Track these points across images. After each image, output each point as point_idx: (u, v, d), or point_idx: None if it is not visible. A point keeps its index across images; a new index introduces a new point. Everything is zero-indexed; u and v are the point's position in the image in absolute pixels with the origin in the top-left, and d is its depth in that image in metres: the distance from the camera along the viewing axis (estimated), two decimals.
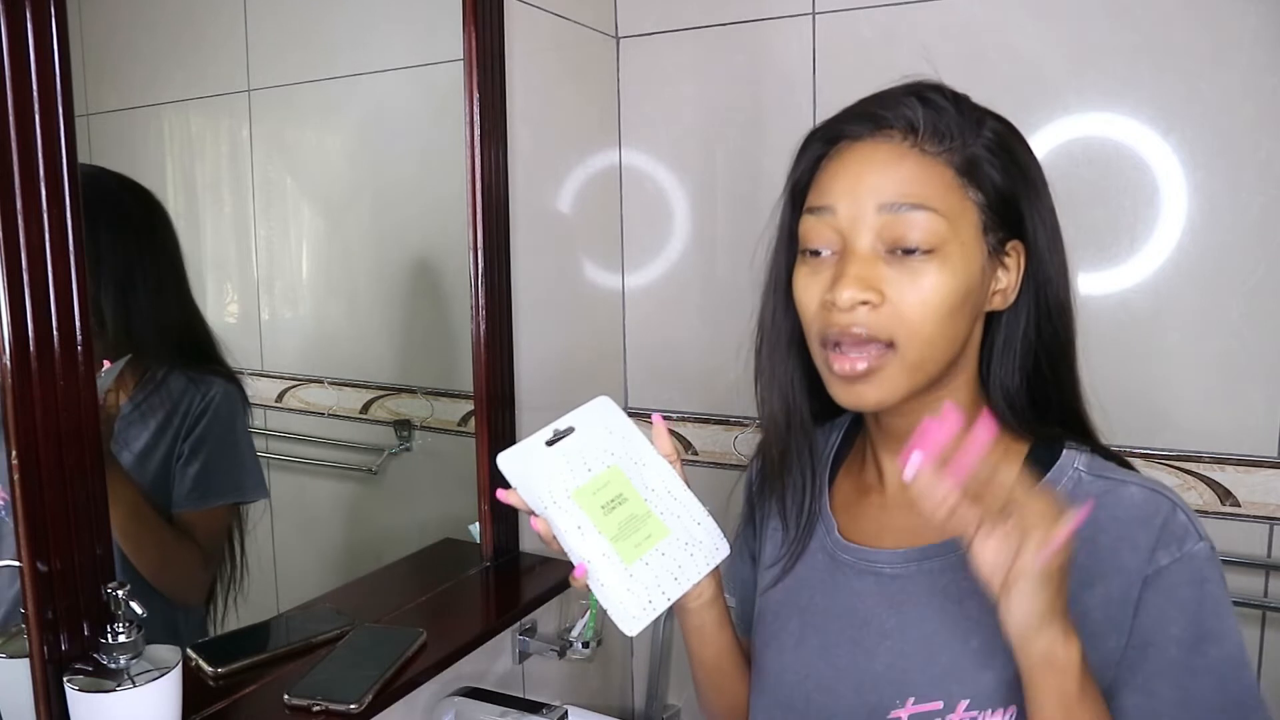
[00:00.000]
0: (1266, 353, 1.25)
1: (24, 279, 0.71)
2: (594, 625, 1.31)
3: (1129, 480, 0.70)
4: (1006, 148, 0.69)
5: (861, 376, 0.67)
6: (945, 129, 0.67)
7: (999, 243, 0.69)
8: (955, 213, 0.66)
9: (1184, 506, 0.67)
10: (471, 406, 1.29)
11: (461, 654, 1.08)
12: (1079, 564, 0.66)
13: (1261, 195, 1.23)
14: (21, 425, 0.72)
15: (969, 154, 0.68)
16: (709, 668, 0.84)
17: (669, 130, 1.61)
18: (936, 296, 0.65)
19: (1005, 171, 0.69)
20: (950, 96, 0.70)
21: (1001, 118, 0.72)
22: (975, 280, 0.68)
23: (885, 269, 0.66)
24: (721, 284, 1.61)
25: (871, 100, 0.71)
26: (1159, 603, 0.65)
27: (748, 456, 1.60)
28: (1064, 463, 0.71)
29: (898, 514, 0.76)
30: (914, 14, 1.39)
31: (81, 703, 0.74)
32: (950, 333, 0.67)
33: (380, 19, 1.29)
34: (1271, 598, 1.29)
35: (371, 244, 1.34)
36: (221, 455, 1.03)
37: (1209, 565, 0.66)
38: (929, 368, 0.68)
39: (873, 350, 0.66)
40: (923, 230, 0.65)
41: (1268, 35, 1.21)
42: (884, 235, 0.66)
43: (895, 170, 0.67)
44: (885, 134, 0.68)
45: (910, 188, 0.66)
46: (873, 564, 0.75)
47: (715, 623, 0.81)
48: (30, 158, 0.71)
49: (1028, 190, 0.70)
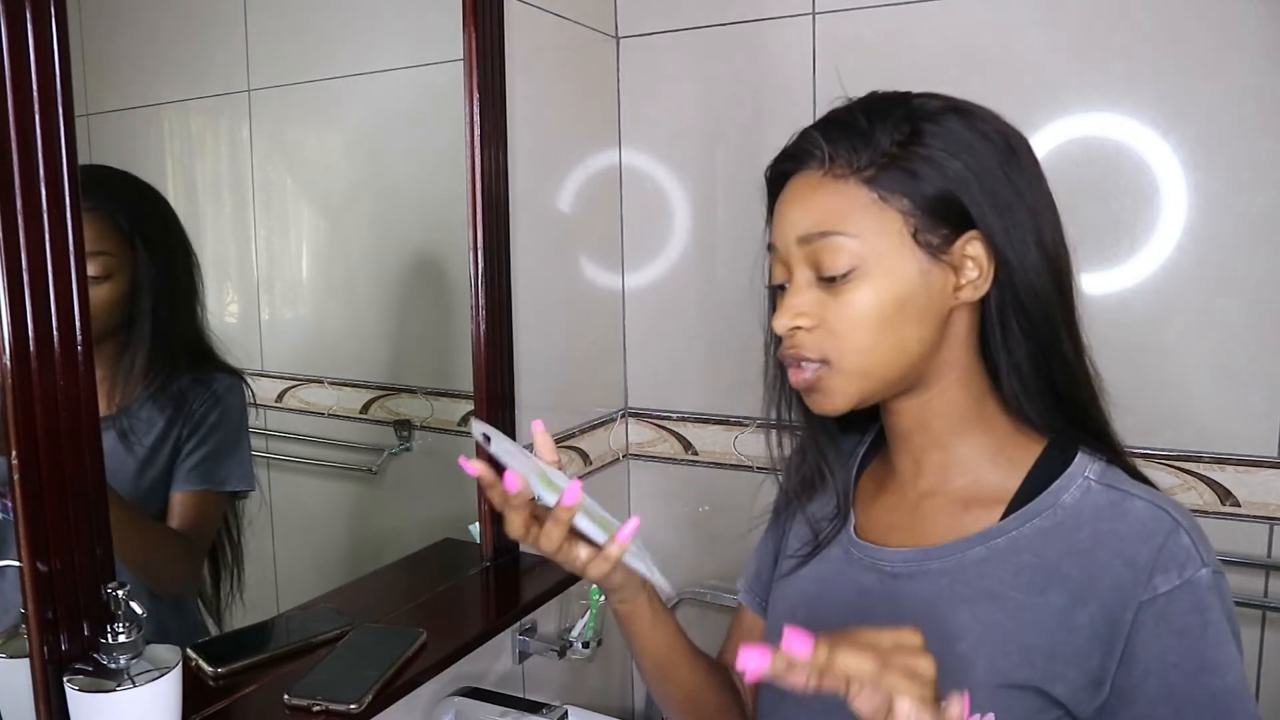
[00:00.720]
0: (1266, 353, 1.25)
1: (24, 279, 0.71)
2: (594, 625, 1.31)
3: (1137, 494, 0.69)
4: (932, 143, 0.68)
5: (809, 389, 0.72)
6: (851, 149, 0.69)
7: (944, 241, 0.68)
8: (871, 229, 0.68)
9: (1190, 527, 0.66)
10: (471, 406, 1.29)
11: (461, 654, 1.08)
12: (1073, 579, 0.66)
13: (1261, 195, 1.23)
14: (21, 425, 0.72)
15: (883, 166, 0.68)
16: (655, 658, 0.83)
17: (669, 130, 1.61)
18: (862, 311, 0.68)
19: (934, 167, 0.67)
20: (863, 110, 0.70)
21: (937, 105, 0.70)
22: (912, 286, 0.68)
23: (820, 294, 0.70)
24: (721, 284, 1.61)
25: (794, 137, 0.74)
26: (1158, 631, 0.64)
27: (748, 456, 1.61)
28: (1075, 469, 0.71)
29: (906, 513, 0.77)
30: (914, 14, 1.39)
31: (81, 703, 0.74)
32: (892, 340, 0.69)
33: (380, 19, 1.29)
34: (1271, 598, 1.29)
35: (371, 244, 1.34)
36: (221, 445, 1.03)
37: (1211, 593, 0.64)
38: (879, 372, 0.70)
39: (811, 368, 0.71)
40: (837, 255, 0.68)
41: (1268, 35, 1.21)
42: (810, 264, 0.70)
43: (808, 202, 0.71)
44: (805, 169, 0.72)
45: (819, 217, 0.69)
46: (877, 561, 0.75)
47: (646, 609, 0.80)
48: (30, 158, 0.71)
49: (967, 179, 0.68)
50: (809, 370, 0.71)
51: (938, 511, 0.74)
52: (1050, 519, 0.69)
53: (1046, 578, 0.67)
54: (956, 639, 0.69)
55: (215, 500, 1.04)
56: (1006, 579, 0.69)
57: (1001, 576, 0.69)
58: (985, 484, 0.73)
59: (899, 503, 0.78)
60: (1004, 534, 0.70)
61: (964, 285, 0.69)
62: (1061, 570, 0.67)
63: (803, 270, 0.71)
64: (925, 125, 0.68)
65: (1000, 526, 0.70)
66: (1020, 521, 0.70)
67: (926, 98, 0.71)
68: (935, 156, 0.68)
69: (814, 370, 0.71)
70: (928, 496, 0.75)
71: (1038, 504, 0.70)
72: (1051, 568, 0.67)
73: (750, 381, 1.71)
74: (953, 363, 0.72)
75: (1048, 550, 0.68)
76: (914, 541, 0.74)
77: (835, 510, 0.82)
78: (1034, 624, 0.67)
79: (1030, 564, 0.68)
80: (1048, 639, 0.66)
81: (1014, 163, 0.70)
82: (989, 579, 0.69)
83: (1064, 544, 0.68)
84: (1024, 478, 0.72)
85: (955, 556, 0.71)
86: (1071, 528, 0.68)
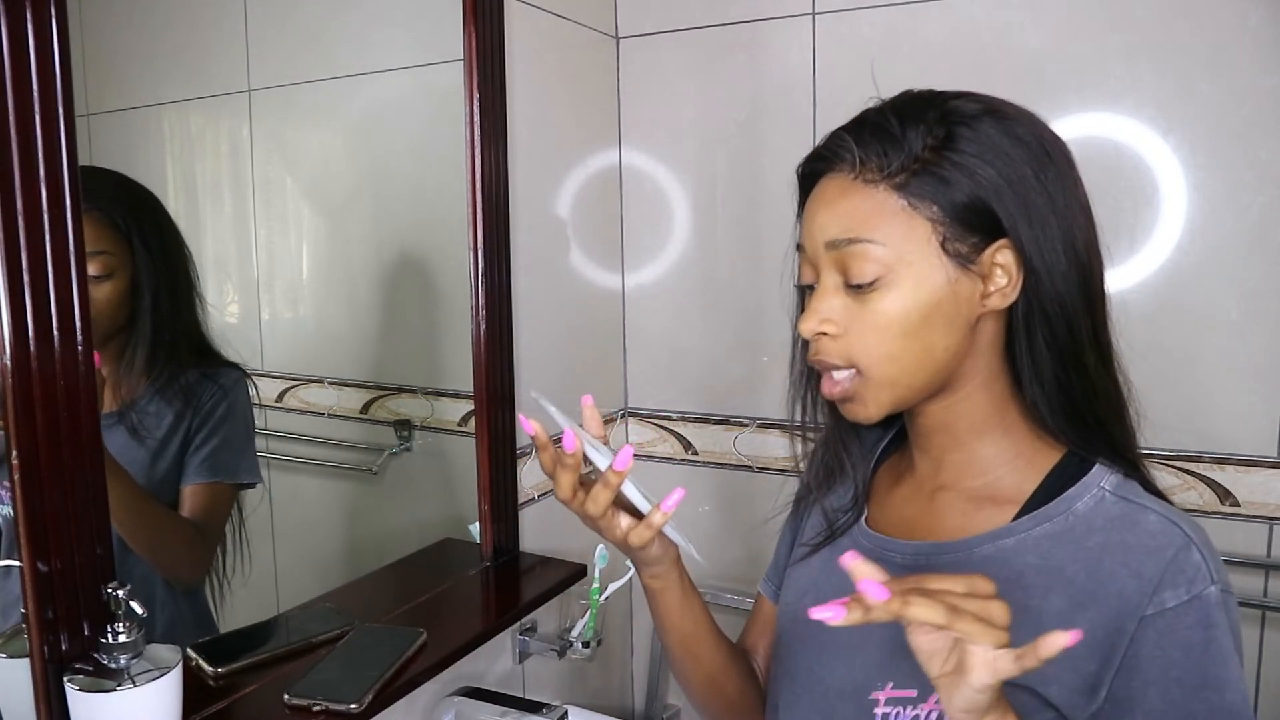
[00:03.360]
0: (1266, 353, 1.25)
1: (24, 278, 0.71)
2: (594, 625, 1.31)
3: (1151, 508, 0.68)
4: (964, 149, 0.66)
5: (842, 399, 0.72)
6: (881, 153, 0.67)
7: (973, 249, 0.67)
8: (899, 237, 0.67)
9: (1202, 544, 0.65)
10: (471, 406, 1.29)
11: (461, 654, 1.08)
12: (1077, 584, 0.66)
13: (1261, 195, 1.23)
14: (21, 425, 0.72)
15: (914, 172, 0.67)
16: (681, 636, 0.85)
17: (669, 130, 1.61)
18: (888, 320, 0.68)
19: (966, 174, 0.66)
20: (896, 112, 0.69)
21: (973, 109, 0.68)
22: (939, 295, 0.67)
23: (846, 299, 0.69)
24: (721, 284, 1.61)
25: (826, 136, 0.72)
26: (1162, 644, 0.63)
27: (748, 456, 1.61)
28: (1091, 479, 0.70)
29: (917, 507, 0.77)
30: (914, 14, 1.39)
31: (81, 703, 0.74)
32: (917, 349, 0.68)
33: (380, 19, 1.29)
34: (1271, 598, 1.29)
35: (371, 244, 1.34)
36: (230, 437, 1.05)
37: (1218, 610, 0.63)
38: (908, 380, 0.70)
39: (843, 376, 0.71)
40: (864, 262, 0.67)
41: (1267, 35, 1.21)
42: (838, 269, 0.69)
43: (836, 207, 0.69)
44: (835, 170, 0.70)
45: (849, 223, 0.68)
46: (887, 552, 0.76)
47: (677, 586, 0.82)
48: (30, 158, 0.72)
49: (1000, 186, 0.67)
50: (842, 381, 0.71)
51: (951, 508, 0.75)
52: (1061, 524, 0.69)
53: (1050, 580, 0.67)
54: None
55: (226, 492, 1.06)
56: (1011, 579, 0.68)
57: (1006, 576, 0.69)
58: (1001, 485, 0.73)
59: (914, 497, 0.78)
60: (1013, 535, 0.70)
61: (992, 293, 0.69)
62: (1066, 574, 0.67)
63: (830, 274, 0.70)
64: (959, 129, 0.67)
65: (1010, 527, 0.70)
66: (1031, 524, 0.70)
67: (963, 99, 0.69)
68: (968, 163, 0.66)
69: (847, 380, 0.71)
70: (943, 492, 0.76)
71: (1050, 509, 0.70)
72: (1056, 570, 0.67)
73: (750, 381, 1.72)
74: (978, 368, 0.72)
75: (1055, 554, 0.68)
76: (925, 535, 0.75)
77: (852, 501, 0.82)
78: (1033, 626, 0.67)
79: (1035, 566, 0.68)
80: None
81: (1048, 168, 0.68)
82: (993, 577, 0.69)
83: (1071, 549, 0.68)
84: (1040, 482, 0.71)
85: (963, 553, 0.71)
86: (1081, 534, 0.68)
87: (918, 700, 0.69)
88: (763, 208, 1.56)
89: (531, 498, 1.41)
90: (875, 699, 0.71)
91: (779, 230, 1.54)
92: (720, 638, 0.87)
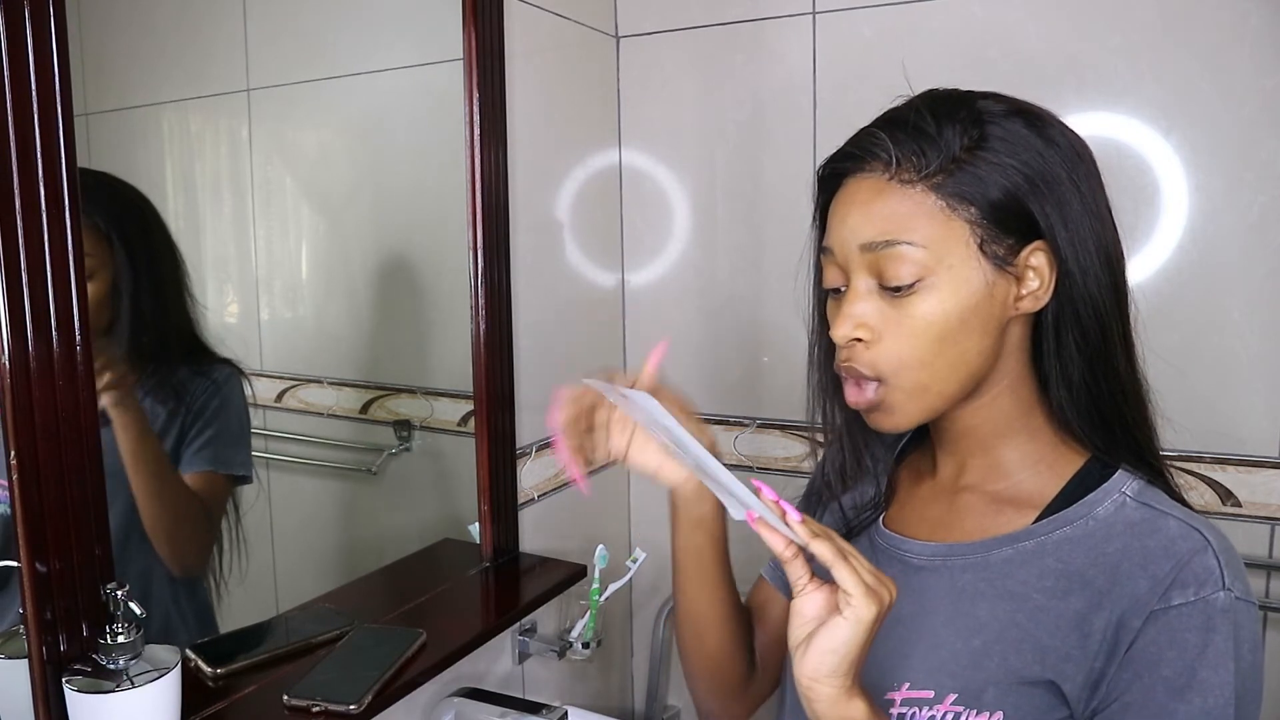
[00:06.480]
0: (1266, 353, 1.25)
1: (24, 280, 0.71)
2: (594, 625, 1.31)
3: (1172, 514, 0.67)
4: (999, 148, 0.66)
5: (870, 408, 0.70)
6: (918, 153, 0.66)
7: (1009, 251, 0.67)
8: (938, 238, 0.65)
9: (1221, 550, 0.64)
10: (471, 406, 1.29)
11: (461, 654, 1.08)
12: (1095, 585, 0.66)
13: (1261, 195, 1.23)
14: (21, 425, 0.72)
15: (951, 172, 0.65)
16: (693, 613, 0.85)
17: (669, 130, 1.61)
18: (926, 324, 0.66)
19: (1003, 174, 0.66)
20: (930, 111, 0.67)
21: (1002, 108, 0.68)
22: (977, 298, 0.66)
23: (881, 303, 0.68)
24: (721, 284, 1.61)
25: (855, 135, 0.71)
26: (1159, 640, 0.63)
27: (748, 456, 1.61)
28: (1113, 485, 0.70)
29: (937, 508, 0.77)
30: (914, 14, 1.39)
31: (81, 703, 0.74)
32: (951, 355, 0.67)
33: (380, 19, 1.29)
34: (1272, 598, 1.29)
35: (371, 244, 1.34)
36: (224, 430, 1.05)
37: (1223, 616, 0.62)
38: (938, 387, 0.69)
39: (871, 386, 0.69)
40: (902, 265, 0.66)
41: (1268, 35, 1.21)
42: (872, 272, 0.68)
43: (872, 208, 0.67)
44: (867, 170, 0.68)
45: (886, 225, 0.66)
46: (902, 552, 0.75)
47: (710, 546, 0.83)
48: (29, 158, 0.71)
49: (1036, 186, 0.66)
50: (870, 390, 0.69)
51: (971, 510, 0.74)
52: (1081, 529, 0.68)
53: (1069, 582, 0.67)
54: (974, 634, 0.69)
55: (221, 483, 1.06)
56: (1030, 581, 0.68)
57: (1025, 579, 0.68)
58: (1022, 489, 0.72)
59: (935, 497, 0.77)
60: (1033, 538, 0.69)
61: (1024, 296, 0.68)
62: (1085, 576, 0.66)
63: (863, 278, 0.68)
64: (991, 129, 0.66)
65: (1030, 530, 0.70)
66: (1051, 528, 0.69)
67: (990, 99, 0.68)
68: (1004, 163, 0.65)
69: (875, 390, 0.69)
70: (965, 493, 0.75)
71: (1071, 513, 0.69)
72: (1075, 573, 0.67)
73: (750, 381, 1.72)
74: (1005, 371, 0.71)
75: (1074, 557, 0.67)
76: (943, 536, 0.74)
77: (872, 500, 0.81)
78: (1052, 626, 0.66)
79: (1055, 569, 0.68)
80: (1063, 641, 0.66)
81: (1080, 170, 0.68)
82: (1012, 580, 0.69)
83: (1091, 553, 0.67)
84: (1062, 487, 0.71)
85: (981, 555, 0.71)
86: (1101, 539, 0.67)
87: (934, 701, 0.69)
88: (763, 207, 1.55)
89: (531, 498, 1.41)
90: (891, 699, 0.71)
91: (779, 230, 1.54)
92: (733, 630, 0.86)
